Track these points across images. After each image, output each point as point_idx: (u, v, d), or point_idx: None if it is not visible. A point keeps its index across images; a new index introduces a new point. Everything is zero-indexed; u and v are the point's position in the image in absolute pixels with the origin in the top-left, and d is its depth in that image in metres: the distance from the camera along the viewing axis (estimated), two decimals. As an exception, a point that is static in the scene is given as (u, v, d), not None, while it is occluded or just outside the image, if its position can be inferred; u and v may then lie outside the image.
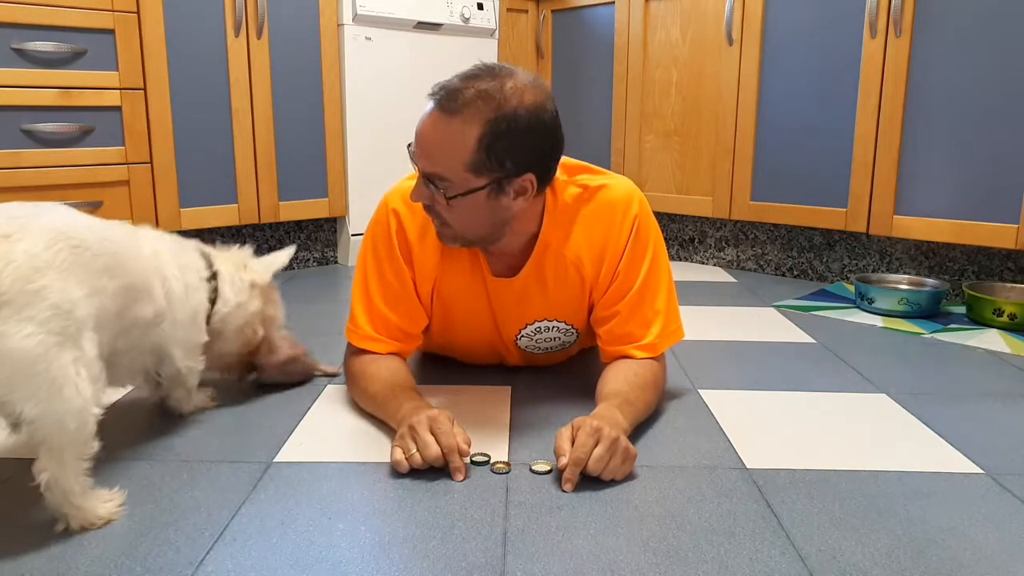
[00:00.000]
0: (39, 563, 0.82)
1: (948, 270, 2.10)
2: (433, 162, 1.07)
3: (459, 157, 1.05)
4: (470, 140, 1.04)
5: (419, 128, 1.08)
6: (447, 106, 1.05)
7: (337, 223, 2.52)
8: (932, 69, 1.96)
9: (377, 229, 1.25)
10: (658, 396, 1.23)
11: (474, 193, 1.08)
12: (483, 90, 1.04)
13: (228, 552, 0.84)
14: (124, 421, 1.21)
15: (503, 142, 1.05)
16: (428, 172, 1.08)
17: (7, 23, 1.76)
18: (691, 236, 2.63)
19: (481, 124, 1.04)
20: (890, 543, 0.88)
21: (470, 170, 1.06)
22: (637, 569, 0.82)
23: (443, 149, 1.06)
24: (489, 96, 1.04)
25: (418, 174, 1.11)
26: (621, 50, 2.62)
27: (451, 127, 1.04)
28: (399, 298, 1.24)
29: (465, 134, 1.04)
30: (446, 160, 1.06)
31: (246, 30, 2.13)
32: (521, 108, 1.05)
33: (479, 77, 1.06)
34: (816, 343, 1.68)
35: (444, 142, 1.05)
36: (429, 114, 1.07)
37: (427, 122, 1.07)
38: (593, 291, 1.24)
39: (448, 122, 1.05)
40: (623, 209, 1.22)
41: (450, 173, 1.06)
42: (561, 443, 1.00)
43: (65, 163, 1.87)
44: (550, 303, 1.25)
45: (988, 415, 1.28)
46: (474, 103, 1.04)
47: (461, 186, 1.07)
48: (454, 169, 1.06)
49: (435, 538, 0.87)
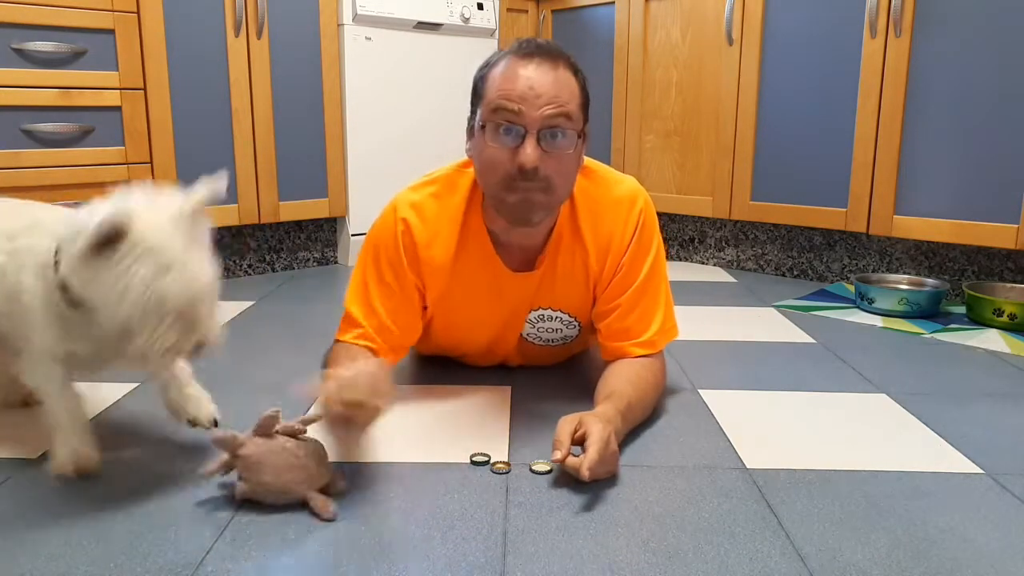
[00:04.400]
0: (39, 563, 0.82)
1: (948, 270, 2.10)
2: (561, 101, 1.07)
3: (576, 95, 1.10)
4: (575, 82, 1.10)
5: (525, 80, 1.06)
6: (548, 55, 1.08)
7: (337, 223, 2.52)
8: (932, 69, 1.96)
9: (382, 235, 1.22)
10: (658, 398, 1.24)
11: (583, 135, 1.12)
12: (556, 47, 1.11)
13: (228, 552, 0.84)
14: (124, 421, 1.21)
15: (586, 90, 1.12)
16: (557, 111, 1.06)
17: (7, 23, 1.76)
18: (691, 236, 2.63)
19: (574, 73, 1.10)
20: (890, 543, 0.88)
21: (582, 111, 1.11)
22: (637, 569, 0.82)
23: (564, 88, 1.08)
24: (563, 51, 1.11)
25: (530, 135, 1.06)
26: (621, 50, 2.62)
27: (559, 71, 1.08)
28: (398, 306, 1.22)
29: (570, 78, 1.09)
30: (569, 95, 1.08)
31: (246, 30, 2.13)
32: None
33: (543, 42, 1.11)
34: (816, 343, 1.68)
35: (562, 82, 1.08)
36: (530, 65, 1.07)
37: (535, 71, 1.06)
38: (596, 285, 1.25)
39: (555, 66, 1.08)
40: (628, 205, 1.23)
41: (575, 110, 1.09)
42: (563, 436, 0.98)
43: (65, 163, 1.87)
44: (557, 294, 1.26)
45: (988, 415, 1.28)
46: (563, 53, 1.10)
47: (579, 126, 1.10)
48: (575, 106, 1.09)
49: (435, 538, 0.87)
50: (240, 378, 1.41)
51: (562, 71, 1.08)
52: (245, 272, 2.34)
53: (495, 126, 1.07)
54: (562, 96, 1.06)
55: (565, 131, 1.07)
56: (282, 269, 2.42)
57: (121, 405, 1.28)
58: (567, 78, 1.08)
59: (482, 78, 1.12)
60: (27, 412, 1.25)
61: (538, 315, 1.29)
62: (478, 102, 1.12)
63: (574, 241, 1.22)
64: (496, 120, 1.07)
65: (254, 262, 2.36)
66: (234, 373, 1.44)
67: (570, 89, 1.08)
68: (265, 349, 1.59)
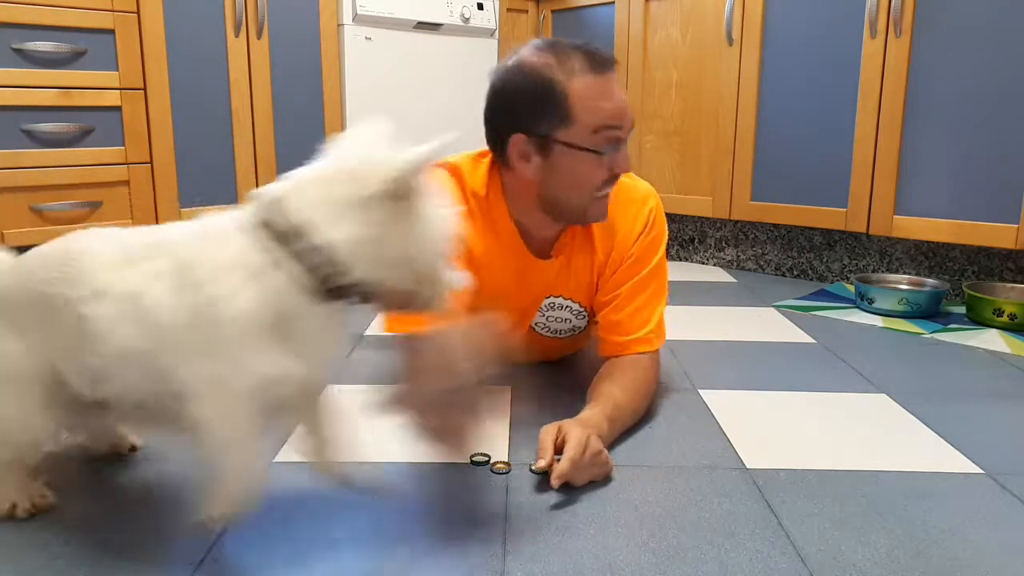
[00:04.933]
0: (39, 563, 0.82)
1: (948, 270, 2.10)
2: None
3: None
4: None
5: (619, 97, 1.11)
6: (611, 60, 1.12)
7: (337, 223, 2.52)
8: (932, 69, 1.96)
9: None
10: (648, 402, 1.24)
11: None
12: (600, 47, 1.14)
13: (228, 552, 0.84)
14: (124, 421, 1.21)
15: None
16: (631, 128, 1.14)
17: (7, 23, 1.76)
18: (691, 236, 2.63)
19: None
20: (890, 543, 0.88)
21: None
22: (637, 569, 0.82)
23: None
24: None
25: (624, 144, 1.13)
26: (621, 50, 2.62)
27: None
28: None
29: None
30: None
31: (246, 30, 2.13)
32: None
33: (595, 48, 1.14)
34: (816, 343, 1.68)
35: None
36: (613, 78, 1.11)
37: (618, 85, 1.12)
38: (601, 274, 1.26)
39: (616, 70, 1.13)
40: (640, 202, 1.25)
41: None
42: (545, 443, 0.99)
43: (65, 163, 1.86)
44: (568, 282, 1.27)
45: (988, 415, 1.28)
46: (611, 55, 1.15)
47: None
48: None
49: (435, 538, 0.87)
50: (240, 378, 1.41)
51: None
52: (245, 272, 2.34)
53: (603, 144, 1.09)
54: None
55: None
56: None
57: (121, 405, 1.28)
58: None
59: (562, 95, 1.07)
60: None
61: (549, 303, 1.29)
62: (563, 120, 1.07)
63: (585, 232, 1.24)
64: (604, 139, 1.09)
65: (254, 262, 2.36)
66: (234, 373, 1.44)
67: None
68: (265, 349, 1.59)
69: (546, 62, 1.08)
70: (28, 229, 1.83)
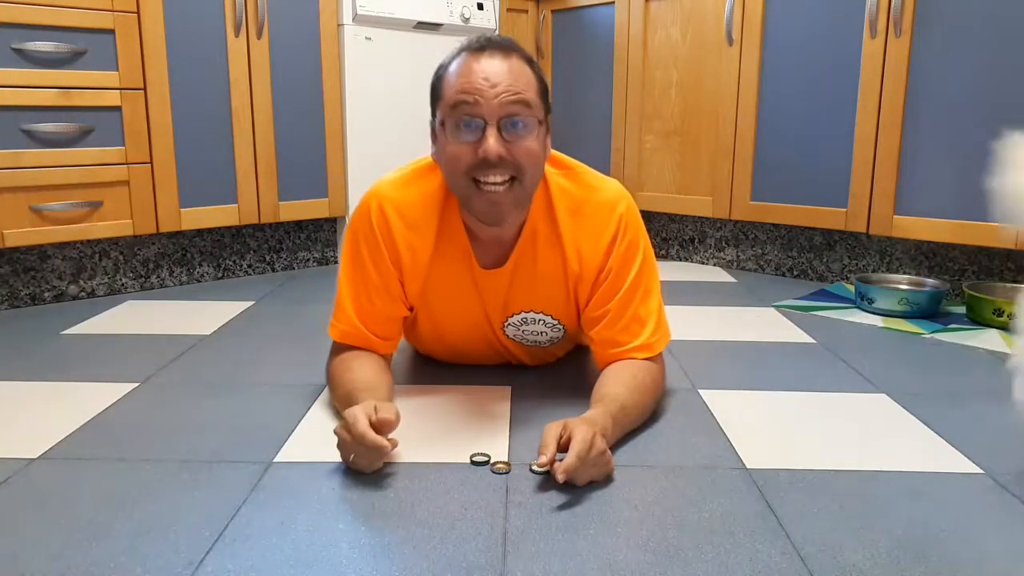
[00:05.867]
0: (39, 563, 0.82)
1: (948, 270, 2.10)
2: (518, 88, 1.07)
3: (532, 83, 1.10)
4: (529, 71, 1.10)
5: (479, 71, 1.06)
6: (499, 47, 1.09)
7: (337, 223, 2.52)
8: (932, 69, 1.96)
9: (360, 224, 1.23)
10: (656, 400, 1.23)
11: (544, 124, 1.12)
12: (508, 40, 1.12)
13: (228, 552, 0.84)
14: (123, 421, 1.21)
15: (543, 80, 1.13)
16: (515, 98, 1.06)
17: (7, 23, 1.76)
18: (691, 236, 2.63)
19: (528, 63, 1.11)
20: (890, 543, 0.88)
21: (540, 97, 1.11)
22: (637, 569, 0.82)
23: (520, 76, 1.08)
24: (515, 43, 1.12)
25: (490, 126, 1.06)
26: (621, 50, 2.62)
27: (513, 61, 1.09)
28: (381, 293, 1.23)
29: (524, 67, 1.10)
30: (526, 84, 1.09)
31: (246, 30, 2.13)
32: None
33: (494, 37, 1.12)
34: (816, 343, 1.68)
35: (517, 70, 1.08)
36: (482, 57, 1.07)
37: (490, 62, 1.07)
38: (579, 287, 1.23)
39: (508, 56, 1.09)
40: (609, 208, 1.21)
41: (533, 98, 1.09)
42: (549, 440, 0.98)
43: (65, 163, 1.87)
44: (536, 295, 1.25)
45: (988, 415, 1.28)
46: (515, 45, 1.11)
47: (539, 113, 1.10)
48: (533, 94, 1.09)
49: (435, 538, 0.87)
50: (240, 378, 1.41)
51: (515, 61, 1.09)
52: (245, 272, 2.34)
53: (455, 122, 1.08)
54: (518, 84, 1.07)
55: (525, 119, 1.08)
56: (282, 269, 2.42)
57: (121, 405, 1.28)
58: (521, 67, 1.09)
59: (439, 78, 1.12)
60: (26, 412, 1.25)
61: (521, 318, 1.28)
62: (437, 103, 1.12)
63: (552, 240, 1.21)
64: (456, 116, 1.07)
65: (254, 262, 2.36)
66: (234, 373, 1.44)
67: (526, 77, 1.09)
68: (265, 349, 1.59)
69: (454, 50, 1.12)
70: (28, 229, 1.83)
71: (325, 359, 1.33)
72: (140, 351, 1.57)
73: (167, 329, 1.74)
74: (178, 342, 1.63)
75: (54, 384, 1.38)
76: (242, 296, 2.07)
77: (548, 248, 1.21)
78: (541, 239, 1.21)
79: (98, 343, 1.63)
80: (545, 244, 1.21)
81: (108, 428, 1.18)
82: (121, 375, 1.42)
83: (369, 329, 1.24)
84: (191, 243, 2.21)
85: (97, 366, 1.48)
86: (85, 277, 2.03)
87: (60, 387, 1.36)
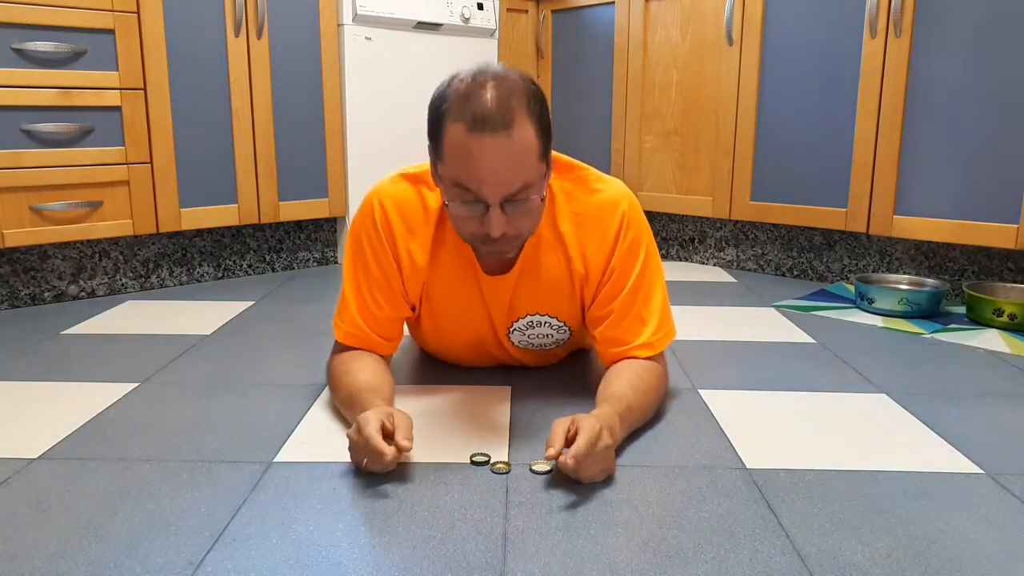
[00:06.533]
0: (39, 563, 0.82)
1: (948, 270, 2.10)
2: (517, 177, 1.03)
3: (534, 153, 1.04)
4: (531, 136, 1.03)
5: (480, 162, 1.01)
6: (500, 120, 1.00)
7: (337, 223, 2.52)
8: (932, 69, 1.96)
9: (363, 223, 1.23)
10: (659, 400, 1.23)
11: (547, 170, 1.10)
12: (508, 88, 1.02)
13: (228, 552, 0.84)
14: (123, 421, 1.21)
15: (545, 116, 1.07)
16: (518, 187, 1.04)
17: (7, 23, 1.76)
18: (691, 236, 2.63)
19: (529, 115, 1.03)
20: (890, 543, 0.88)
21: (541, 159, 1.07)
22: (637, 569, 0.82)
23: (521, 158, 1.03)
24: (515, 88, 1.03)
25: (493, 207, 1.04)
26: (621, 50, 2.62)
27: (514, 134, 1.01)
28: (385, 291, 1.24)
29: (525, 135, 1.02)
30: (526, 168, 1.04)
31: (246, 30, 2.13)
32: (531, 83, 1.07)
33: (495, 80, 1.03)
34: (816, 343, 1.68)
35: (519, 151, 1.02)
36: (483, 140, 1.00)
37: (489, 149, 1.00)
38: (584, 288, 1.24)
39: (509, 134, 1.00)
40: (611, 207, 1.21)
41: (534, 175, 1.05)
42: (557, 433, 0.98)
43: (65, 163, 1.87)
44: (542, 298, 1.25)
45: (988, 415, 1.28)
46: (513, 104, 1.01)
47: (540, 177, 1.08)
48: (535, 167, 1.05)
49: (435, 538, 0.87)
50: (240, 378, 1.41)
51: (517, 132, 1.01)
52: (245, 272, 2.34)
53: (456, 195, 1.06)
54: (519, 172, 1.03)
55: (528, 196, 1.06)
56: (282, 269, 2.42)
57: (121, 405, 1.28)
58: (523, 139, 1.01)
59: (437, 125, 1.05)
60: (26, 412, 1.25)
61: (527, 322, 1.28)
62: (437, 151, 1.07)
63: (556, 244, 1.21)
64: (456, 193, 1.06)
65: (254, 262, 2.36)
66: (234, 373, 1.44)
67: (528, 153, 1.03)
68: (265, 349, 1.59)
69: (454, 91, 1.03)
70: (28, 229, 1.83)
71: (325, 359, 1.33)
72: (140, 351, 1.57)
73: (167, 329, 1.74)
74: (178, 342, 1.63)
75: (54, 384, 1.38)
76: (242, 296, 2.07)
77: (552, 252, 1.22)
78: (545, 244, 1.21)
79: (98, 343, 1.63)
80: (549, 248, 1.22)
81: (108, 428, 1.18)
82: (121, 375, 1.42)
83: (372, 329, 1.24)
84: (191, 243, 2.21)
85: (97, 366, 1.48)
86: (85, 277, 2.03)
87: (60, 387, 1.36)
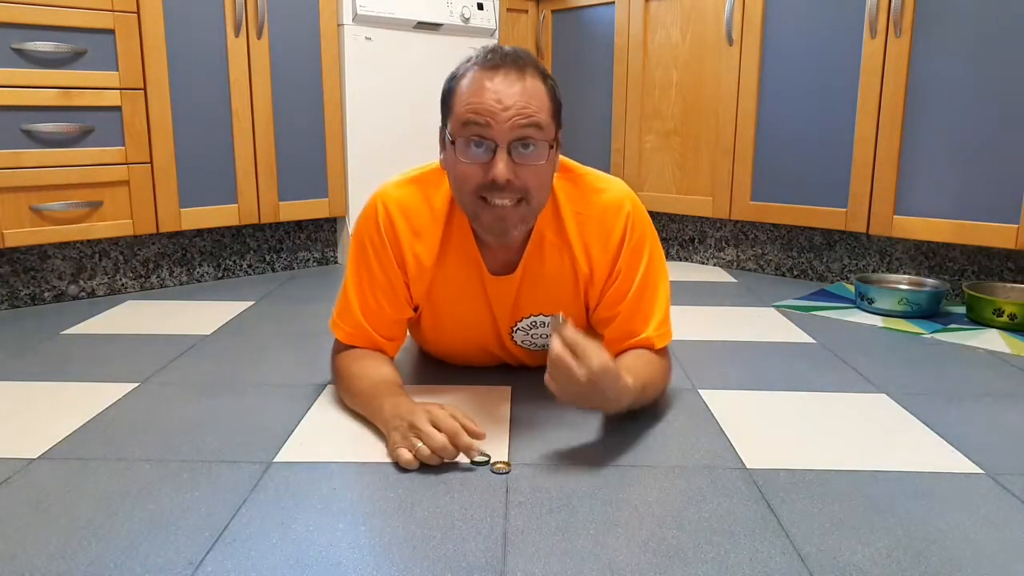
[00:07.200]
0: (39, 563, 0.82)
1: (948, 270, 2.10)
2: (531, 111, 1.04)
3: (545, 104, 1.07)
4: (543, 90, 1.07)
5: (492, 92, 1.03)
6: (514, 64, 1.06)
7: (337, 223, 2.52)
8: (932, 69, 1.96)
9: (366, 227, 1.24)
10: (664, 386, 1.24)
11: (555, 144, 1.10)
12: (524, 53, 1.08)
13: (228, 552, 0.84)
14: (124, 421, 1.21)
15: (557, 92, 1.10)
16: (527, 123, 1.04)
17: (7, 23, 1.76)
18: (691, 236, 2.63)
19: (543, 79, 1.08)
20: (890, 543, 0.88)
21: (553, 119, 1.09)
22: (637, 569, 0.82)
23: (533, 97, 1.05)
24: (531, 58, 1.09)
25: (500, 148, 1.04)
26: (621, 50, 2.62)
27: (527, 80, 1.05)
28: (388, 295, 1.24)
29: (538, 85, 1.07)
30: (539, 105, 1.06)
31: (246, 30, 2.13)
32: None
33: (511, 49, 1.08)
34: (816, 343, 1.68)
35: (531, 91, 1.05)
36: (496, 76, 1.04)
37: (502, 82, 1.04)
38: (588, 289, 1.24)
39: (522, 76, 1.05)
40: (615, 209, 1.21)
41: (545, 119, 1.06)
42: (583, 341, 0.99)
43: (65, 163, 1.87)
44: (545, 298, 1.25)
45: (988, 415, 1.28)
46: (530, 60, 1.07)
47: (550, 135, 1.08)
48: (546, 115, 1.07)
49: (435, 538, 0.87)
50: (240, 378, 1.41)
51: (530, 80, 1.06)
52: (245, 272, 2.34)
53: (465, 141, 1.06)
54: (531, 106, 1.04)
55: (536, 142, 1.06)
56: (282, 269, 2.42)
57: (121, 405, 1.28)
58: (535, 86, 1.06)
59: (450, 90, 1.09)
60: (26, 412, 1.25)
61: (530, 322, 1.28)
62: (448, 114, 1.10)
63: (560, 245, 1.21)
64: (466, 135, 1.06)
65: (254, 262, 2.36)
66: (234, 373, 1.44)
67: (539, 98, 1.06)
68: (265, 349, 1.59)
69: (468, 60, 1.10)
70: (28, 229, 1.83)
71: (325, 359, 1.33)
72: (140, 351, 1.57)
73: (167, 329, 1.74)
74: (178, 342, 1.63)
75: (54, 384, 1.38)
76: (242, 296, 2.07)
77: (557, 253, 1.22)
78: (549, 245, 1.21)
79: (98, 343, 1.63)
80: (553, 249, 1.21)
81: (108, 428, 1.18)
82: (121, 375, 1.42)
83: (375, 330, 1.25)
84: (191, 243, 2.21)
85: (97, 366, 1.48)
86: (85, 277, 2.03)
87: (60, 387, 1.36)
